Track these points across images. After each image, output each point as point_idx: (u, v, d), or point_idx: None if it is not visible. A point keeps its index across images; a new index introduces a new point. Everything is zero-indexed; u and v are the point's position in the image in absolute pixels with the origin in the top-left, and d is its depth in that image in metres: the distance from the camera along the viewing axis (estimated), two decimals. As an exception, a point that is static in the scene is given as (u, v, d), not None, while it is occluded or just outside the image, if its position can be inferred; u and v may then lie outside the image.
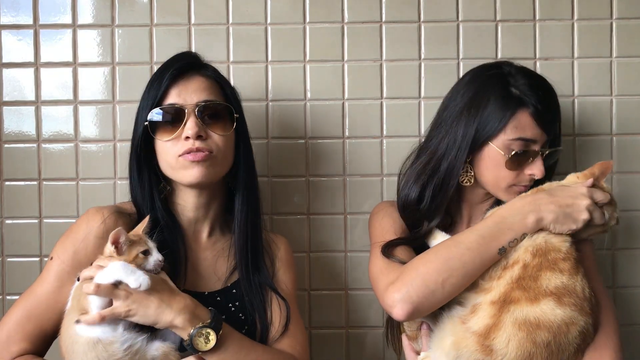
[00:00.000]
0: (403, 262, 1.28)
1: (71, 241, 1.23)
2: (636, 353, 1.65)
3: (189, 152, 1.25)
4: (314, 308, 1.66)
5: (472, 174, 1.35)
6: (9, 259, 1.64)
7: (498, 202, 1.37)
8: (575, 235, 1.23)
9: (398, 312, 1.18)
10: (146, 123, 1.27)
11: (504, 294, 1.17)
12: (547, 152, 1.32)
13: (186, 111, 1.26)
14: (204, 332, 1.11)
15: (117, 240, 1.12)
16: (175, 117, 1.26)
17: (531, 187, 1.32)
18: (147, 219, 1.20)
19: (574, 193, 1.23)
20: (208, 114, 1.28)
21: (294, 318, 1.34)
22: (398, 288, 1.19)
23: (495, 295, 1.18)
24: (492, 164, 1.32)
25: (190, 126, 1.25)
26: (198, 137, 1.25)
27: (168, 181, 1.33)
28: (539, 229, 1.21)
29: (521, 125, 1.29)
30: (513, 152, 1.29)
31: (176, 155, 1.26)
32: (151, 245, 1.16)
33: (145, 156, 1.31)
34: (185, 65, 1.31)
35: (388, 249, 1.32)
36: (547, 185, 1.29)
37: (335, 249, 1.67)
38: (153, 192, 1.31)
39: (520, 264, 1.19)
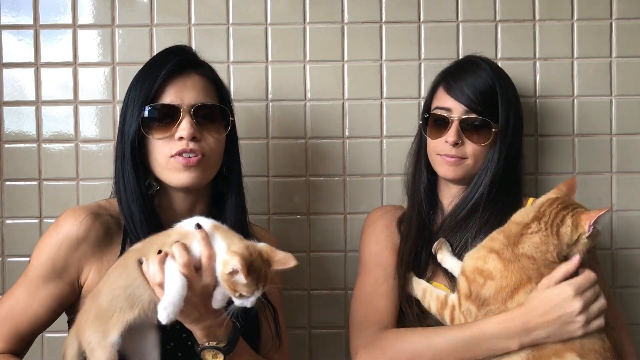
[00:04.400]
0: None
1: (46, 246, 1.22)
2: (637, 353, 1.64)
3: (181, 152, 1.22)
4: (313, 308, 1.66)
5: None
6: (9, 259, 1.64)
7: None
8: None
9: None
10: (148, 107, 1.23)
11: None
12: (462, 117, 1.35)
13: (182, 111, 1.23)
14: (213, 352, 1.12)
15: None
16: (169, 116, 1.23)
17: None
18: (290, 262, 1.09)
19: (561, 303, 1.12)
20: (203, 115, 1.25)
21: (282, 323, 1.37)
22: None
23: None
24: (427, 138, 1.42)
25: (185, 127, 1.22)
26: (192, 138, 1.22)
27: (156, 180, 1.29)
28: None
29: (438, 97, 1.42)
30: (427, 117, 1.41)
31: (168, 155, 1.23)
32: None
33: (139, 153, 1.26)
34: (183, 61, 1.27)
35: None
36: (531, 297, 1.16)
37: (335, 249, 1.67)
38: (142, 190, 1.26)
39: None
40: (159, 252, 1.06)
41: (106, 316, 1.08)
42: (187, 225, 1.12)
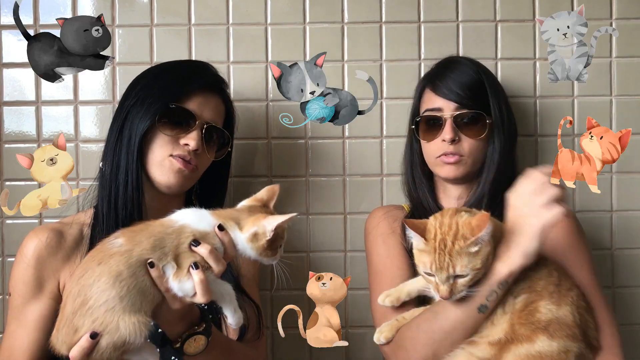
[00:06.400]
0: None
1: (19, 272, 1.26)
2: (636, 353, 1.65)
3: (182, 157, 1.28)
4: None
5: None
6: (9, 259, 1.64)
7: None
8: None
9: None
10: (172, 105, 1.28)
11: (504, 337, 1.14)
12: (454, 114, 1.35)
13: (197, 122, 1.30)
14: (194, 338, 1.10)
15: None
16: (184, 121, 1.30)
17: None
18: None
19: (535, 199, 1.11)
20: (209, 135, 1.33)
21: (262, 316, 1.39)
22: None
23: (493, 338, 1.15)
24: (422, 142, 1.43)
25: (195, 137, 1.29)
26: (195, 150, 1.30)
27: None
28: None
29: (426, 100, 1.43)
30: (419, 120, 1.41)
31: (167, 153, 1.28)
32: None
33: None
34: (214, 82, 1.38)
35: None
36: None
37: (335, 249, 1.67)
38: (141, 179, 1.29)
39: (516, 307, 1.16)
40: (195, 265, 1.01)
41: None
42: (194, 223, 1.05)
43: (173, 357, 1.05)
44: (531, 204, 1.11)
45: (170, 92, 1.30)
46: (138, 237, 1.03)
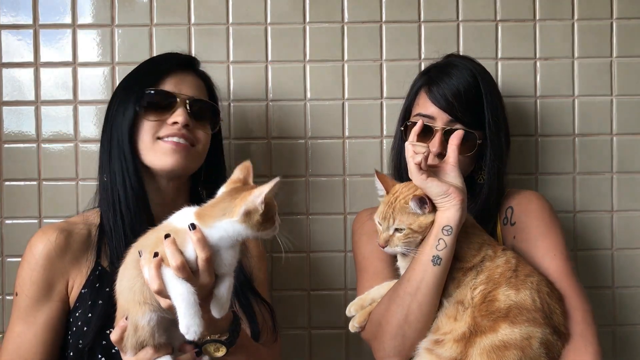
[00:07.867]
0: None
1: (27, 273, 1.24)
2: (636, 353, 1.65)
3: (173, 135, 1.28)
4: (313, 308, 1.66)
5: None
6: (8, 259, 1.64)
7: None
8: None
9: None
10: (150, 90, 1.29)
11: (467, 331, 1.16)
12: (446, 129, 1.33)
13: (178, 100, 1.30)
14: (215, 345, 1.10)
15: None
16: (166, 102, 1.30)
17: None
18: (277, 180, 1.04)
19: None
20: (196, 110, 1.32)
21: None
22: (377, 349, 1.26)
23: (457, 334, 1.17)
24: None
25: (180, 113, 1.29)
26: (185, 126, 1.28)
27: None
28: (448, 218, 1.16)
29: (420, 103, 1.40)
30: (409, 124, 1.38)
31: (155, 137, 1.28)
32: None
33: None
34: (184, 61, 1.38)
35: None
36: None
37: (335, 249, 1.67)
38: (138, 170, 1.28)
39: (475, 299, 1.18)
40: (155, 254, 0.99)
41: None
42: (176, 222, 1.04)
43: (196, 349, 1.10)
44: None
45: (145, 80, 1.31)
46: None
